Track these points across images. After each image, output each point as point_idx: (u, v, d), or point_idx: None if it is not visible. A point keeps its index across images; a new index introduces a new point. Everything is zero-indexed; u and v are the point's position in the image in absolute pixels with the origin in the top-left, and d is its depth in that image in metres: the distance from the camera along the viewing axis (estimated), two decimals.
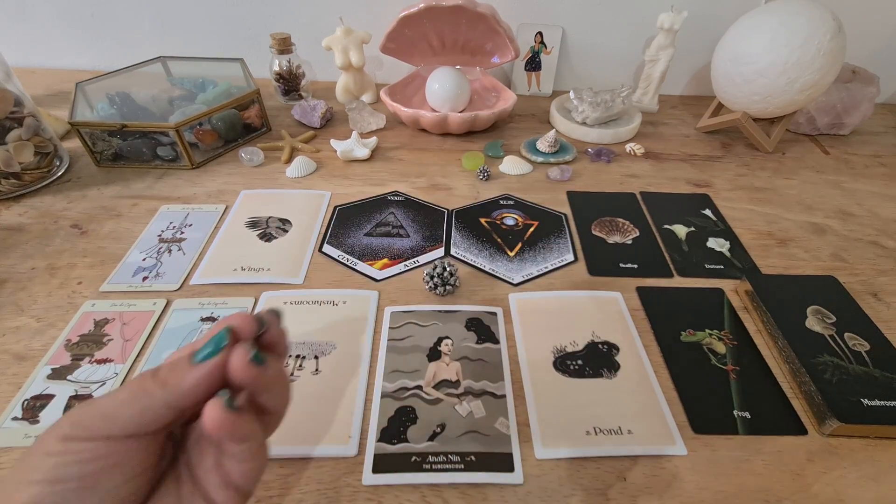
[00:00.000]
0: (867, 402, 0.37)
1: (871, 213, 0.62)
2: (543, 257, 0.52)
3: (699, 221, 0.58)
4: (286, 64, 0.78)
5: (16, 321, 0.43)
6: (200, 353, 0.20)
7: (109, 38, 0.86)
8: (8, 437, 0.34)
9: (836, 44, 0.60)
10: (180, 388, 0.19)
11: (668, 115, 0.84)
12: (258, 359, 0.20)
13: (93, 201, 0.57)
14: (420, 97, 0.79)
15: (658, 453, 0.35)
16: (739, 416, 0.38)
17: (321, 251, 0.52)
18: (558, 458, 0.35)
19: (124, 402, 0.19)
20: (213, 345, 0.20)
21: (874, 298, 0.49)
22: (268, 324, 0.22)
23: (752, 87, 0.66)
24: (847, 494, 0.33)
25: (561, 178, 0.65)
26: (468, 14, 0.67)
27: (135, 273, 0.48)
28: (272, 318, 0.22)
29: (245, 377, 0.20)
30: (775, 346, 0.43)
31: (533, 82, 0.88)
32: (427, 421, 0.36)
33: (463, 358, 0.41)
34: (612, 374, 0.40)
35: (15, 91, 0.56)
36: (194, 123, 0.62)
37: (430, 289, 0.46)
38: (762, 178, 0.68)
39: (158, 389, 0.19)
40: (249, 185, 0.61)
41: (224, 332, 0.20)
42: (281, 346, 0.23)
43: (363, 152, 0.66)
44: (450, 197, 0.61)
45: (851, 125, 0.78)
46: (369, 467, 0.34)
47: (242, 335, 0.21)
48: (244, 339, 0.21)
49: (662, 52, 0.79)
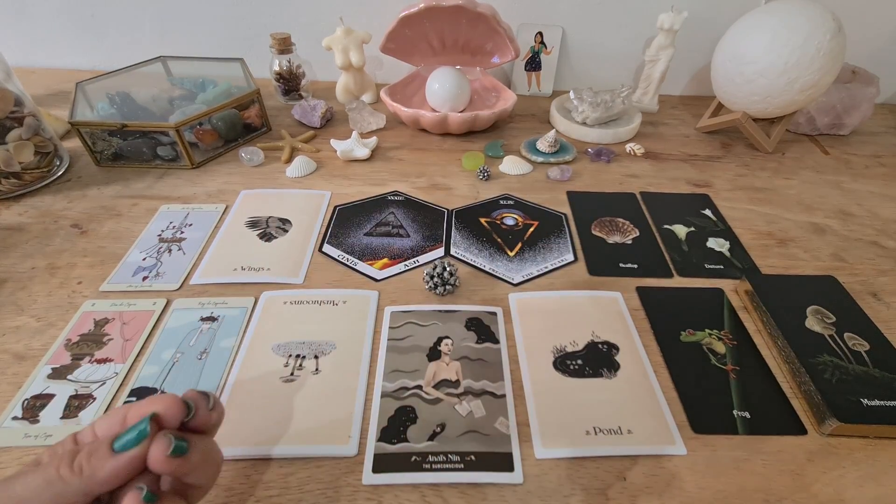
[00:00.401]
0: (867, 401, 0.37)
1: (871, 213, 0.62)
2: (543, 257, 0.52)
3: (699, 221, 0.58)
4: (286, 64, 0.78)
5: (16, 321, 0.43)
6: (120, 441, 0.19)
7: (110, 38, 0.86)
8: (8, 436, 0.34)
9: (836, 44, 0.60)
10: (96, 478, 0.19)
11: (668, 116, 0.84)
12: (179, 450, 0.20)
13: (93, 201, 0.58)
14: (420, 97, 0.79)
15: (658, 453, 0.35)
16: (739, 416, 0.38)
17: (321, 251, 0.52)
18: (558, 457, 0.35)
19: (38, 488, 0.19)
20: (136, 433, 0.20)
21: (874, 298, 0.49)
22: (195, 409, 0.21)
23: (752, 87, 0.66)
24: (846, 494, 0.33)
25: (561, 178, 0.65)
26: (468, 14, 0.67)
27: (135, 273, 0.48)
28: (201, 402, 0.22)
29: (165, 469, 0.20)
30: (775, 346, 0.43)
31: (533, 82, 0.88)
32: (427, 421, 0.36)
33: (463, 358, 0.41)
34: (611, 374, 0.40)
35: (15, 91, 0.56)
36: (194, 123, 0.63)
37: (429, 288, 0.46)
38: (762, 178, 0.68)
39: (74, 478, 0.19)
40: (249, 184, 0.61)
41: (146, 421, 0.20)
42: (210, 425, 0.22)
43: (363, 152, 0.66)
44: (450, 197, 0.61)
45: (851, 125, 0.78)
46: (369, 467, 0.34)
47: (166, 423, 0.20)
48: (169, 426, 0.21)
49: (662, 53, 0.79)
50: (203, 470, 0.22)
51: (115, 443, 0.19)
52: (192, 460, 0.20)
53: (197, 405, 0.21)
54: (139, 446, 0.19)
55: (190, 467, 0.20)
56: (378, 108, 0.80)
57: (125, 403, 0.30)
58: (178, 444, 0.20)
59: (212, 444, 0.23)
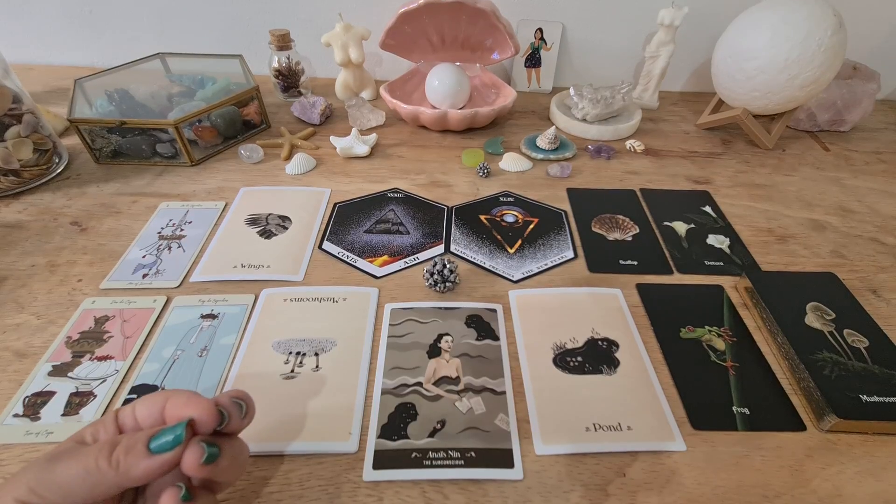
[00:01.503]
0: (866, 398, 0.37)
1: (871, 209, 0.62)
2: (543, 254, 0.52)
3: (699, 218, 0.58)
4: (285, 60, 0.78)
5: (16, 318, 0.43)
6: (157, 443, 0.20)
7: (108, 35, 0.85)
8: (9, 434, 0.34)
9: (837, 40, 0.60)
10: (130, 475, 0.20)
11: (669, 112, 0.84)
12: (212, 457, 0.21)
13: (92, 198, 0.57)
14: (420, 94, 0.78)
15: (657, 449, 0.35)
16: (738, 412, 0.38)
17: (321, 248, 0.52)
18: (558, 454, 0.35)
19: (78, 476, 0.20)
20: (172, 437, 0.21)
21: (873, 295, 0.49)
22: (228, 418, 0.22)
23: (752, 83, 0.66)
24: (845, 490, 0.33)
25: (561, 175, 0.65)
26: (468, 10, 0.67)
27: (135, 270, 0.48)
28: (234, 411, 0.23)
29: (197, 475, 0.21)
30: (774, 343, 0.43)
31: (533, 79, 0.88)
32: (427, 417, 0.36)
33: (463, 355, 0.41)
34: (611, 371, 0.40)
35: (13, 88, 0.56)
36: (193, 120, 0.62)
37: (430, 286, 0.46)
38: (762, 174, 0.68)
39: (111, 471, 0.20)
40: (249, 182, 0.61)
41: (182, 427, 0.21)
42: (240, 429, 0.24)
43: (363, 149, 0.66)
44: (450, 194, 0.61)
45: (852, 122, 0.78)
46: (370, 463, 0.34)
47: (202, 429, 0.21)
48: (203, 432, 0.21)
49: (663, 49, 0.78)
50: (232, 471, 0.23)
51: (151, 443, 0.21)
52: (222, 465, 0.22)
53: (230, 414, 0.23)
54: (174, 451, 0.20)
55: (220, 472, 0.22)
56: (377, 104, 0.80)
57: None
58: (211, 452, 0.21)
59: (240, 444, 0.24)
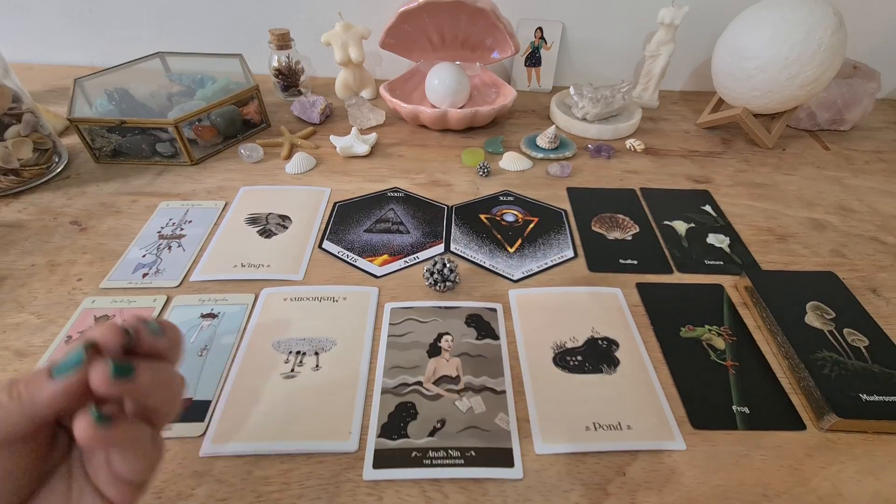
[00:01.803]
0: (865, 397, 0.37)
1: (871, 208, 0.62)
2: (543, 253, 0.52)
3: (699, 217, 0.58)
4: (285, 60, 0.78)
5: (16, 318, 0.43)
6: (59, 367, 0.20)
7: (108, 34, 0.85)
8: None
9: (837, 39, 0.60)
10: (35, 402, 0.19)
11: (669, 111, 0.84)
12: (122, 371, 0.20)
13: (92, 198, 0.57)
14: (420, 93, 0.78)
15: (657, 448, 0.35)
16: (738, 412, 0.38)
17: (321, 248, 0.52)
18: (558, 453, 0.35)
19: None
20: (71, 359, 0.20)
21: (873, 294, 0.49)
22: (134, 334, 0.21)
23: (752, 82, 0.65)
24: (845, 489, 0.34)
25: (561, 175, 0.65)
26: (468, 9, 0.67)
27: (135, 270, 0.48)
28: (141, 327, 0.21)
29: (109, 392, 0.20)
30: (774, 342, 0.43)
31: (533, 78, 0.88)
32: (427, 416, 0.36)
33: (463, 354, 0.41)
34: (611, 370, 0.40)
35: (13, 87, 0.55)
36: (193, 120, 0.62)
37: (429, 285, 0.46)
38: (762, 173, 0.68)
39: (13, 403, 0.19)
40: (249, 181, 0.61)
41: (80, 347, 0.20)
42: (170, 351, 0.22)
43: (363, 148, 0.66)
44: (450, 193, 0.61)
45: (852, 121, 0.78)
46: (370, 462, 0.34)
47: (106, 349, 0.20)
48: (108, 352, 0.20)
49: (663, 48, 0.78)
50: (158, 393, 0.22)
51: (54, 369, 0.20)
52: (141, 382, 0.20)
53: (138, 329, 0.21)
54: (76, 370, 0.19)
55: (142, 390, 0.21)
56: (377, 104, 0.80)
57: None
58: (119, 367, 0.20)
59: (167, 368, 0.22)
